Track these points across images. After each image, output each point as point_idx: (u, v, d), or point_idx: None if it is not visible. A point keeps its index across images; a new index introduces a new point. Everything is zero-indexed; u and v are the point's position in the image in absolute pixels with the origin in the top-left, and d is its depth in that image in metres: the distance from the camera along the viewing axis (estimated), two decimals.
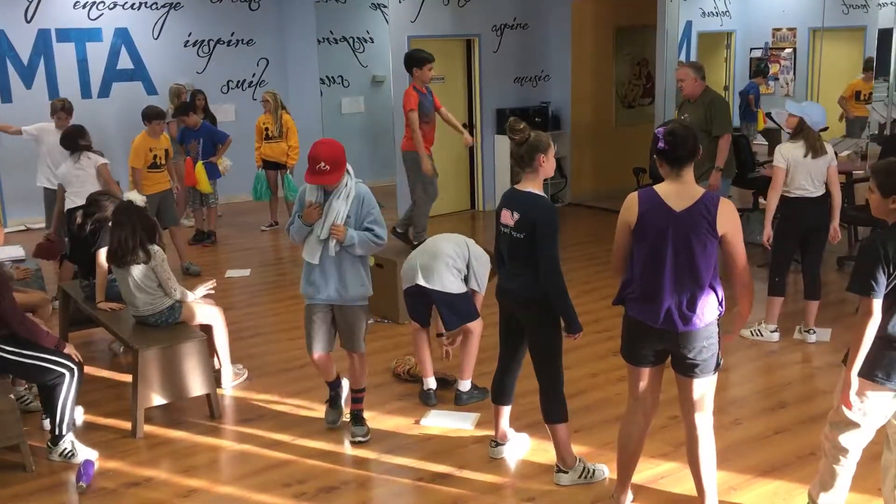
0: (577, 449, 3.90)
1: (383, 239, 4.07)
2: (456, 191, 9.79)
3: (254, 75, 11.11)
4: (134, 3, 10.26)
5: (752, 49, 12.56)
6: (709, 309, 3.20)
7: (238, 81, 11.01)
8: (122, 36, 10.23)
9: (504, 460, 4.06)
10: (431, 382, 4.75)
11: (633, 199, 3.25)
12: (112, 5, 10.13)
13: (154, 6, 10.38)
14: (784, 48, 12.02)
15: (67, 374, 4.11)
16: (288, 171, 9.05)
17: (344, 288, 4.11)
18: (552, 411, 3.74)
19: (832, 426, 3.24)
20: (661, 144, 3.18)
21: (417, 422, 4.50)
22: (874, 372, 3.03)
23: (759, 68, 11.90)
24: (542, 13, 10.27)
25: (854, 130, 9.46)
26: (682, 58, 10.85)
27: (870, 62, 9.48)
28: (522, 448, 4.14)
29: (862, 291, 2.94)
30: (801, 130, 5.27)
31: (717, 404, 4.60)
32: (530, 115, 9.96)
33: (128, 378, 4.80)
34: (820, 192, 5.33)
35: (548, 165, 3.63)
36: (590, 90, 10.22)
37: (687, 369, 3.28)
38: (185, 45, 10.62)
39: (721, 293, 3.22)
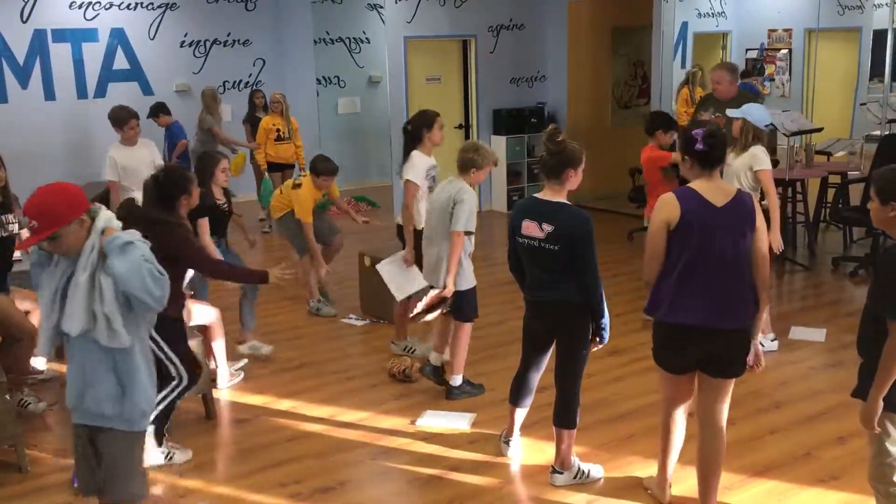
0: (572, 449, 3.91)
1: (157, 303, 2.70)
2: None
3: (250, 76, 11.11)
4: (130, 4, 10.25)
5: (747, 50, 12.56)
6: (750, 305, 3.24)
7: (234, 82, 11.01)
8: (119, 36, 10.22)
9: (500, 461, 4.07)
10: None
11: (671, 197, 3.23)
12: (108, 5, 10.12)
13: (150, 6, 10.37)
14: (780, 49, 12.03)
15: (177, 381, 4.07)
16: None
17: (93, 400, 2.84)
18: (567, 418, 3.74)
19: (877, 475, 3.00)
20: (699, 146, 3.23)
21: (413, 422, 4.50)
22: None
23: (754, 68, 11.89)
24: (539, 14, 10.29)
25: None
26: (678, 59, 10.86)
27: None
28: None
29: None
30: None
31: None
32: (526, 116, 9.98)
33: None
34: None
35: (574, 179, 3.61)
36: (586, 91, 10.24)
37: (725, 370, 3.28)
38: (182, 46, 10.62)
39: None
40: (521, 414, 4.02)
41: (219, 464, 4.23)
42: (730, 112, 5.45)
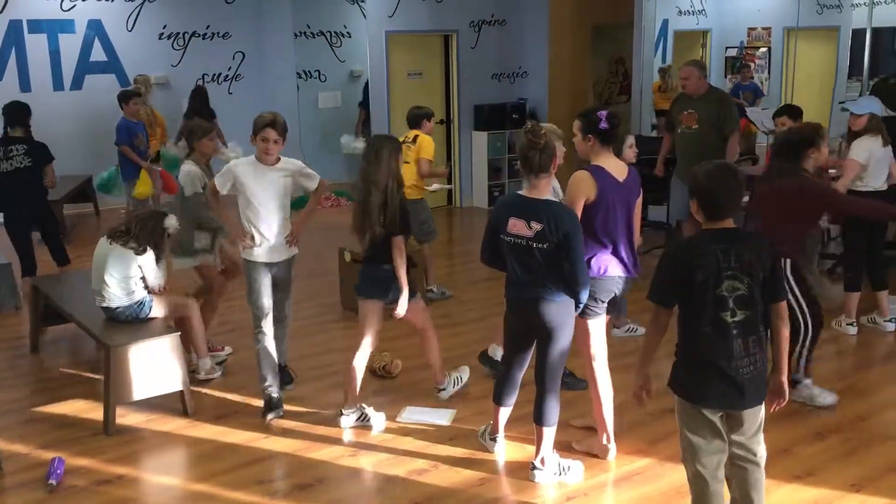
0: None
1: None
2: None
3: (230, 69, 11.02)
4: None
5: (727, 48, 12.64)
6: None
7: (214, 75, 10.91)
8: (96, 28, 10.10)
9: (480, 457, 4.06)
10: None
11: (587, 175, 3.72)
12: None
13: None
14: (759, 47, 12.11)
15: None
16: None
17: None
18: (549, 415, 3.73)
19: (682, 457, 3.07)
20: (603, 125, 3.72)
21: (394, 418, 4.49)
22: None
23: (733, 66, 11.94)
24: (520, 10, 10.28)
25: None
26: (659, 56, 10.91)
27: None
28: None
29: None
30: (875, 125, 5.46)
31: None
32: (508, 112, 9.97)
33: (100, 374, 4.74)
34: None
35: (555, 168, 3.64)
36: (567, 87, 10.22)
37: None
38: (160, 38, 10.51)
39: None
40: (505, 413, 4.01)
41: (196, 460, 4.19)
42: (853, 107, 5.68)
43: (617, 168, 3.81)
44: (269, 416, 4.45)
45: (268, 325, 4.49)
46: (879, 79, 7.87)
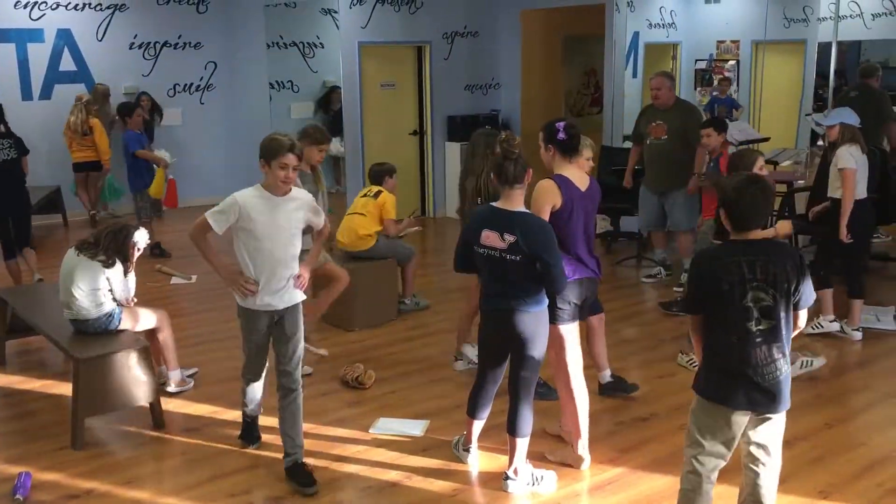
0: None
1: None
2: (406, 197, 9.78)
3: (201, 79, 10.96)
4: (77, 4, 10.04)
5: (696, 60, 12.80)
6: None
7: (185, 85, 10.85)
8: (65, 37, 10.00)
9: (454, 468, 4.06)
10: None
11: (552, 185, 3.84)
12: (55, 6, 9.90)
13: (98, 7, 10.17)
14: (728, 60, 12.28)
15: None
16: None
17: None
18: (522, 426, 3.74)
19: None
20: (561, 135, 3.85)
21: (367, 429, 4.47)
22: None
23: (702, 79, 12.07)
24: (493, 22, 10.34)
25: None
26: (629, 69, 11.01)
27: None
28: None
29: None
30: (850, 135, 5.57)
31: (661, 408, 4.67)
32: (481, 123, 10.01)
33: (68, 387, 4.68)
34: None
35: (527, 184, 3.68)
36: (539, 98, 10.30)
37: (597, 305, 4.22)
38: (131, 48, 10.44)
39: None
40: (478, 425, 4.01)
41: (166, 474, 4.14)
42: (823, 120, 5.83)
43: (578, 177, 3.94)
44: (250, 447, 4.29)
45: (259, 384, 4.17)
46: (842, 93, 8.03)
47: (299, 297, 3.94)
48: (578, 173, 3.96)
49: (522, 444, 3.77)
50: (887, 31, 11.01)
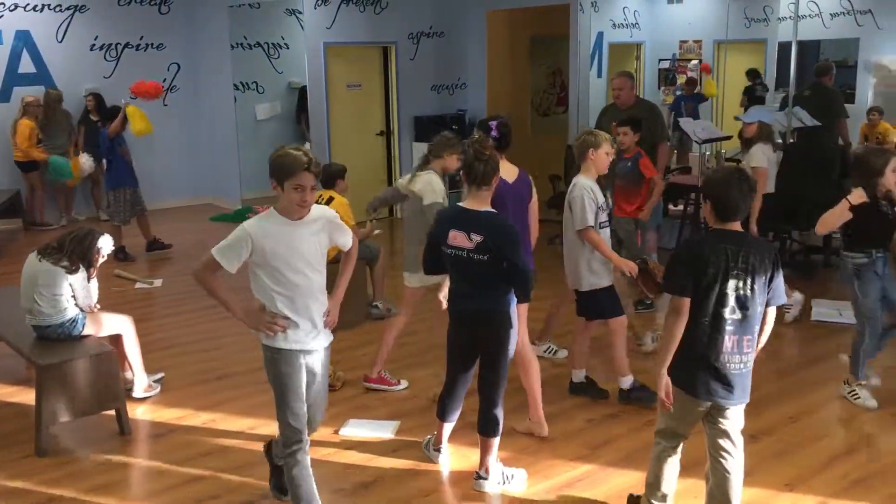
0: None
1: None
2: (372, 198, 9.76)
3: (164, 80, 10.82)
4: (36, 5, 9.88)
5: (660, 60, 12.93)
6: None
7: None
8: (24, 38, 9.83)
9: (424, 468, 4.05)
10: None
11: None
12: (13, 7, 9.73)
13: (58, 8, 10.01)
14: (690, 59, 12.42)
15: None
16: None
17: None
18: (491, 426, 3.75)
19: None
20: (494, 133, 4.14)
21: (336, 431, 4.45)
22: None
23: (666, 78, 12.18)
24: (459, 22, 10.36)
25: None
26: (594, 69, 11.10)
27: None
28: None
29: None
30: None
31: (630, 405, 4.71)
32: (447, 123, 10.02)
33: (31, 394, 4.59)
34: None
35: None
36: (506, 98, 10.35)
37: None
38: (92, 49, 10.28)
39: None
40: (448, 427, 4.02)
41: (133, 481, 4.09)
42: (743, 118, 6.06)
43: (508, 171, 4.19)
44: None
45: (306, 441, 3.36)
46: (797, 92, 8.18)
47: (328, 337, 3.42)
48: (507, 166, 4.20)
49: (493, 443, 3.78)
50: (845, 30, 11.22)
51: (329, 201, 6.02)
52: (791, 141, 7.88)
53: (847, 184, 5.94)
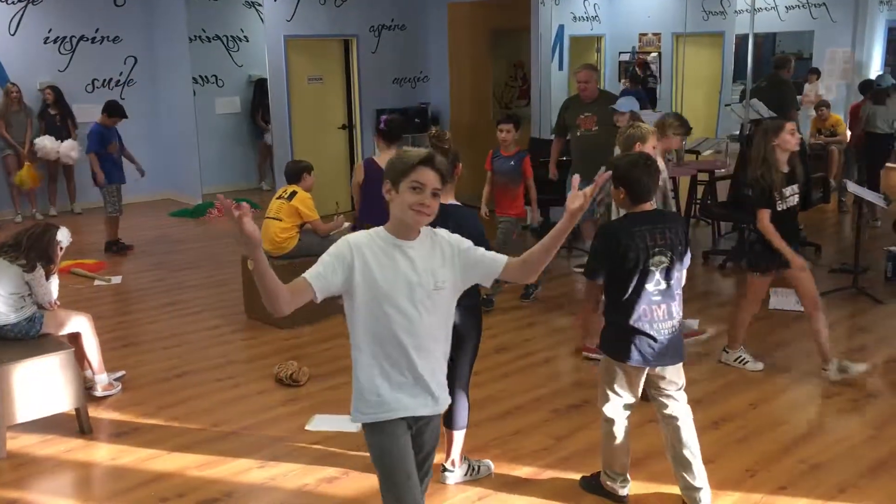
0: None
1: None
2: (336, 192, 9.71)
3: (121, 74, 10.66)
4: None
5: (620, 53, 13.05)
6: None
7: (105, 80, 10.53)
8: None
9: None
10: None
11: (359, 166, 4.67)
12: None
13: (10, 0, 9.77)
14: (650, 52, 12.56)
15: None
16: None
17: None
18: (459, 418, 3.75)
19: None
20: (382, 126, 4.88)
21: (302, 427, 4.43)
22: None
23: (634, 74, 12.25)
24: (420, 15, 10.34)
25: None
26: (555, 61, 11.16)
27: None
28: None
29: None
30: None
31: (593, 395, 4.76)
32: (410, 116, 10.00)
33: None
34: None
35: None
36: (468, 91, 10.36)
37: None
38: (46, 42, 10.07)
39: None
40: None
41: (95, 481, 4.03)
42: (617, 107, 6.15)
43: (384, 162, 4.39)
44: None
45: None
46: (755, 84, 8.32)
47: (447, 401, 2.69)
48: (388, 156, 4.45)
49: (459, 436, 3.79)
50: (800, 23, 11.41)
51: (292, 196, 5.99)
52: (749, 132, 8.00)
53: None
